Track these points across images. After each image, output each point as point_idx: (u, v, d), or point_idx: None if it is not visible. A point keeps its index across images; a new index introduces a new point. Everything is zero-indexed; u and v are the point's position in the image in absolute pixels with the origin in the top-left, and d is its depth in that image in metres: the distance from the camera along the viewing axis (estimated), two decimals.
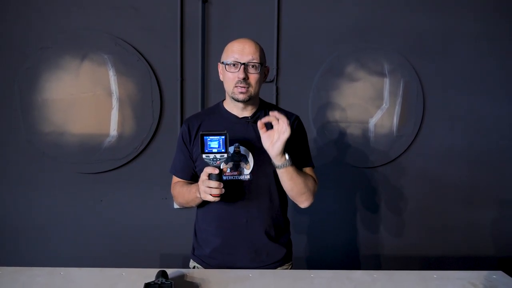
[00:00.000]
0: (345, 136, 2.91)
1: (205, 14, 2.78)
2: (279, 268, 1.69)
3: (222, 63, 1.58)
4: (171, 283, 1.28)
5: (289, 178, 1.52)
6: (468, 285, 1.46)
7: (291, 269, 1.75)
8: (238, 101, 1.57)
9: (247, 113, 1.64)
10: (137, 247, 2.89)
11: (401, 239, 3.04)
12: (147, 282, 1.28)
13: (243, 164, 1.59)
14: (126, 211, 2.87)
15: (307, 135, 1.76)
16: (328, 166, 2.94)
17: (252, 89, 1.55)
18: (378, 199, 3.00)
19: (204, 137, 1.41)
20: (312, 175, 1.69)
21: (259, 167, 1.59)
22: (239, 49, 1.52)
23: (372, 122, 2.91)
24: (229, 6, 2.80)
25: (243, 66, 1.51)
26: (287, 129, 1.40)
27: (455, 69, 2.93)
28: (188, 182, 1.72)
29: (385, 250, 3.04)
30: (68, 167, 2.79)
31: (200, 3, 2.75)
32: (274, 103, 2.81)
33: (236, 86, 1.53)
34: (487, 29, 2.92)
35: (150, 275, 1.40)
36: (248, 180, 1.59)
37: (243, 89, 1.53)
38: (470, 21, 2.90)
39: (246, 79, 1.52)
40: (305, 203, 1.64)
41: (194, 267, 1.73)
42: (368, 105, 2.90)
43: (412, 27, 2.89)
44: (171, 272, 1.45)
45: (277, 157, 1.45)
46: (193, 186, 1.58)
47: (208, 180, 1.42)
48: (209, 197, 1.42)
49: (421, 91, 2.91)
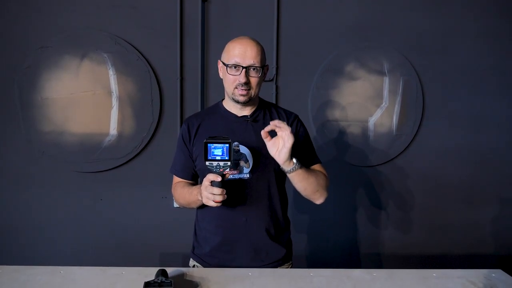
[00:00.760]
0: (344, 135, 2.91)
1: (205, 13, 2.78)
2: (279, 268, 1.69)
3: (223, 62, 1.57)
4: (171, 282, 1.28)
5: (300, 180, 1.52)
6: (467, 283, 1.46)
7: (291, 268, 1.75)
8: (238, 103, 1.58)
9: (246, 112, 1.64)
10: (137, 246, 2.90)
11: (401, 237, 3.04)
12: (147, 281, 1.28)
13: (242, 163, 1.59)
14: (126, 210, 2.87)
15: (308, 132, 1.76)
16: (328, 165, 2.91)
17: (252, 91, 1.55)
18: (377, 198, 3.00)
19: (207, 144, 1.40)
20: (321, 170, 1.70)
21: (258, 166, 1.59)
22: (240, 52, 1.51)
23: (371, 121, 2.91)
24: (229, 5, 2.79)
25: (244, 70, 1.51)
26: (290, 137, 1.39)
27: (455, 68, 2.93)
28: (188, 182, 1.72)
29: (385, 248, 3.04)
30: (68, 166, 2.79)
31: (199, 2, 2.75)
32: (273, 101, 2.81)
33: (236, 88, 1.54)
34: (486, 28, 2.92)
35: (149, 274, 1.40)
36: (247, 178, 1.59)
37: (244, 92, 1.53)
38: (469, 20, 2.91)
39: (247, 83, 1.52)
40: (320, 200, 1.65)
41: (194, 266, 1.73)
42: (367, 104, 2.90)
43: (411, 26, 2.89)
44: (170, 271, 1.45)
45: (285, 163, 1.45)
46: (194, 188, 1.58)
47: (211, 186, 1.41)
48: (211, 203, 1.41)
49: (420, 90, 2.91)
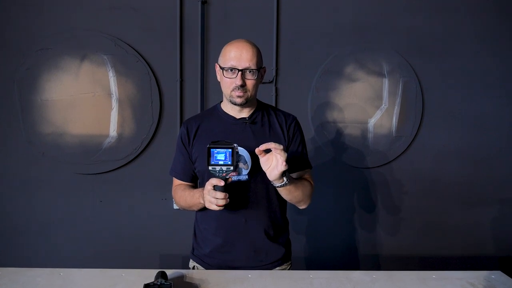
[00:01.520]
0: (344, 136, 2.91)
1: (204, 15, 2.78)
2: (278, 267, 1.70)
3: (219, 66, 1.59)
4: (171, 284, 1.28)
5: (287, 193, 1.56)
6: (467, 285, 1.47)
7: (290, 268, 1.76)
8: (235, 104, 1.59)
9: (245, 114, 1.65)
10: (136, 248, 2.90)
11: (401, 239, 3.04)
12: (146, 283, 1.28)
13: (241, 164, 1.59)
14: (125, 212, 2.87)
15: (304, 136, 1.76)
16: (327, 166, 2.95)
17: (249, 93, 1.56)
18: (377, 200, 3.01)
19: (211, 149, 1.40)
20: (308, 179, 1.72)
21: (257, 167, 1.59)
22: (236, 55, 1.52)
23: (371, 122, 2.91)
24: (228, 7, 2.80)
25: (240, 72, 1.52)
26: (283, 165, 1.38)
27: (454, 69, 2.93)
28: (189, 185, 1.73)
29: (384, 250, 3.04)
30: (67, 168, 2.79)
31: (199, 4, 2.75)
32: (273, 103, 2.82)
33: (233, 90, 1.55)
34: (486, 29, 2.92)
35: (149, 275, 1.41)
36: (246, 180, 1.60)
37: (241, 93, 1.55)
38: (469, 21, 2.91)
39: (243, 85, 1.54)
40: (302, 206, 1.69)
41: (193, 267, 1.74)
42: (367, 105, 2.90)
43: (411, 27, 2.89)
44: (170, 272, 1.46)
45: (275, 181, 1.46)
46: (196, 191, 1.58)
47: (213, 191, 1.41)
48: (213, 207, 1.42)
49: (420, 91, 2.91)
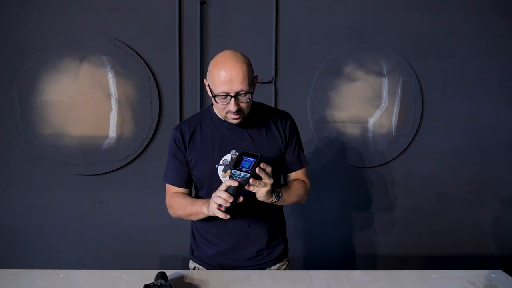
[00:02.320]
0: (343, 136, 2.91)
1: (203, 15, 2.78)
2: (278, 264, 1.71)
3: (209, 88, 1.49)
4: (170, 284, 1.29)
5: (282, 203, 1.56)
6: (467, 284, 1.46)
7: (288, 264, 1.77)
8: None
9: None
10: (136, 249, 2.89)
11: (400, 238, 3.04)
12: (146, 283, 1.28)
13: None
14: (125, 213, 2.87)
15: (299, 133, 1.73)
16: (326, 166, 2.95)
17: (244, 112, 1.50)
18: (377, 199, 3.00)
19: (242, 155, 1.41)
20: (303, 178, 1.71)
21: None
22: (226, 79, 1.41)
23: (370, 122, 2.91)
24: (227, 7, 2.79)
25: (233, 98, 1.43)
26: (266, 197, 1.41)
27: (454, 68, 2.93)
28: (186, 192, 1.67)
29: (385, 249, 3.04)
30: (67, 169, 2.79)
31: (198, 5, 2.75)
32: (272, 103, 2.82)
33: (228, 113, 1.49)
34: (485, 29, 2.92)
35: (149, 276, 1.41)
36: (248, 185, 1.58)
37: (236, 116, 1.48)
38: (468, 20, 2.90)
39: (238, 109, 1.46)
40: (301, 203, 1.71)
41: (194, 268, 1.73)
42: (366, 105, 2.90)
43: (410, 27, 2.89)
44: (170, 273, 1.46)
45: (265, 201, 1.46)
46: (199, 200, 1.54)
47: (224, 191, 1.36)
48: (217, 212, 1.35)
49: (419, 90, 2.91)
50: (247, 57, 1.49)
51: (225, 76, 1.41)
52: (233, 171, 1.40)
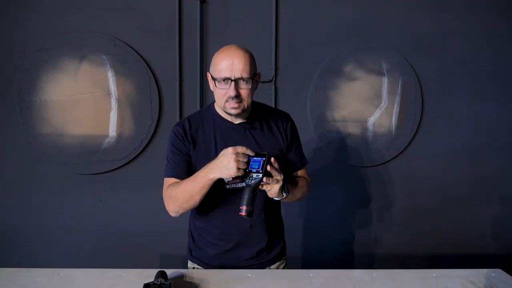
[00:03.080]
0: (343, 135, 2.91)
1: (203, 14, 2.78)
2: (277, 262, 1.72)
3: (212, 76, 1.51)
4: (170, 283, 1.28)
5: (287, 200, 1.57)
6: (467, 283, 1.46)
7: (286, 262, 1.78)
8: (230, 115, 1.54)
9: (242, 119, 1.59)
10: (136, 248, 2.89)
11: (400, 238, 3.04)
12: (146, 282, 1.28)
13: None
14: (125, 212, 2.87)
15: (298, 132, 1.75)
16: (326, 165, 2.95)
17: (244, 103, 1.49)
18: (376, 198, 3.00)
19: (249, 157, 1.40)
20: (304, 175, 1.76)
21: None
22: (228, 64, 1.44)
23: (370, 121, 2.91)
24: (227, 6, 2.79)
25: (233, 82, 1.44)
26: (277, 194, 1.44)
27: (454, 68, 2.93)
28: None
29: (385, 249, 3.04)
30: (67, 168, 2.79)
31: (198, 4, 2.75)
32: (272, 102, 2.82)
33: (227, 101, 1.48)
34: (486, 28, 2.92)
35: (149, 275, 1.41)
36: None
37: (235, 105, 1.48)
38: (468, 20, 2.90)
39: (238, 96, 1.46)
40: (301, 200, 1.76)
41: (193, 268, 1.73)
42: (366, 104, 2.90)
43: (410, 26, 2.89)
44: (170, 272, 1.46)
45: (275, 197, 1.48)
46: (198, 172, 1.46)
47: (241, 154, 1.37)
48: (232, 171, 1.35)
49: (419, 90, 2.91)
50: (251, 53, 1.53)
51: (227, 61, 1.45)
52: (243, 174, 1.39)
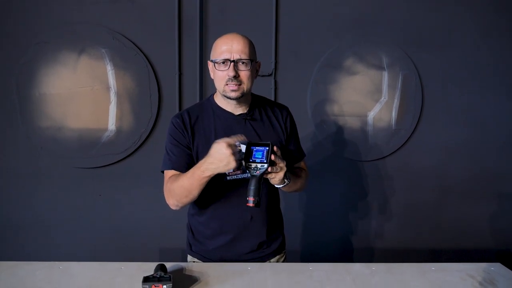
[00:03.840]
0: (343, 129, 2.91)
1: (203, 7, 2.77)
2: (277, 256, 1.72)
3: (211, 61, 1.53)
4: (170, 276, 1.28)
5: (287, 189, 1.58)
6: (466, 277, 1.47)
7: (285, 256, 1.78)
8: (230, 99, 1.53)
9: (242, 110, 1.60)
10: (136, 241, 2.90)
11: (399, 232, 3.04)
12: (146, 275, 1.28)
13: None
14: (125, 205, 2.87)
15: (296, 125, 1.76)
16: (326, 159, 2.94)
17: (244, 86, 1.50)
18: (375, 193, 3.00)
19: (251, 147, 1.40)
20: (303, 167, 1.79)
21: None
22: (227, 46, 1.47)
23: (370, 115, 2.91)
24: None
25: (232, 63, 1.46)
26: (279, 181, 1.44)
27: (454, 62, 2.92)
28: None
29: (384, 243, 3.05)
30: (66, 162, 2.78)
31: None
32: (272, 96, 2.81)
33: (227, 84, 1.49)
34: (486, 23, 2.90)
35: (148, 268, 1.40)
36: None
37: (235, 87, 1.49)
38: (469, 14, 2.89)
39: (237, 77, 1.48)
40: (299, 192, 1.76)
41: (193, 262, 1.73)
42: (366, 98, 2.89)
43: (411, 20, 2.87)
44: (169, 265, 1.46)
45: (277, 184, 1.49)
46: (197, 165, 1.43)
47: (236, 146, 1.36)
48: (231, 165, 1.34)
49: (419, 84, 2.90)
50: (251, 40, 1.56)
51: (226, 44, 1.49)
52: (247, 164, 1.38)
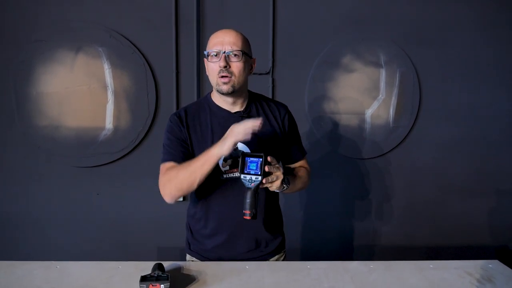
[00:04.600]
0: (341, 127, 2.90)
1: (200, 5, 2.76)
2: (276, 255, 1.71)
3: (205, 56, 1.54)
4: (168, 275, 1.28)
5: (288, 191, 1.57)
6: (464, 274, 1.47)
7: (284, 255, 1.78)
8: (222, 94, 1.52)
9: (238, 107, 1.60)
10: (133, 240, 2.89)
11: (397, 229, 3.05)
12: (143, 275, 1.28)
13: None
14: (122, 204, 2.87)
15: (296, 123, 1.76)
16: (324, 157, 2.94)
17: (235, 79, 1.49)
18: (374, 190, 3.01)
19: (245, 157, 1.41)
20: (304, 165, 1.77)
21: None
22: (219, 39, 1.49)
23: (368, 113, 2.90)
24: None
25: (224, 54, 1.47)
26: (277, 187, 1.43)
27: (452, 59, 2.92)
28: None
29: (381, 241, 3.05)
30: (64, 161, 2.78)
31: None
32: (270, 94, 2.81)
33: (219, 76, 1.49)
34: (484, 19, 2.90)
35: (146, 268, 1.40)
36: None
37: (226, 79, 1.48)
38: (467, 11, 2.89)
39: (227, 68, 1.47)
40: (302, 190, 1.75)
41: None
42: (364, 96, 2.89)
43: (408, 17, 2.87)
44: (167, 265, 1.46)
45: (276, 190, 1.48)
46: (206, 151, 1.43)
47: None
48: (241, 135, 1.34)
49: (417, 81, 2.90)
50: (246, 37, 1.56)
51: (219, 36, 1.51)
52: (242, 176, 1.39)
